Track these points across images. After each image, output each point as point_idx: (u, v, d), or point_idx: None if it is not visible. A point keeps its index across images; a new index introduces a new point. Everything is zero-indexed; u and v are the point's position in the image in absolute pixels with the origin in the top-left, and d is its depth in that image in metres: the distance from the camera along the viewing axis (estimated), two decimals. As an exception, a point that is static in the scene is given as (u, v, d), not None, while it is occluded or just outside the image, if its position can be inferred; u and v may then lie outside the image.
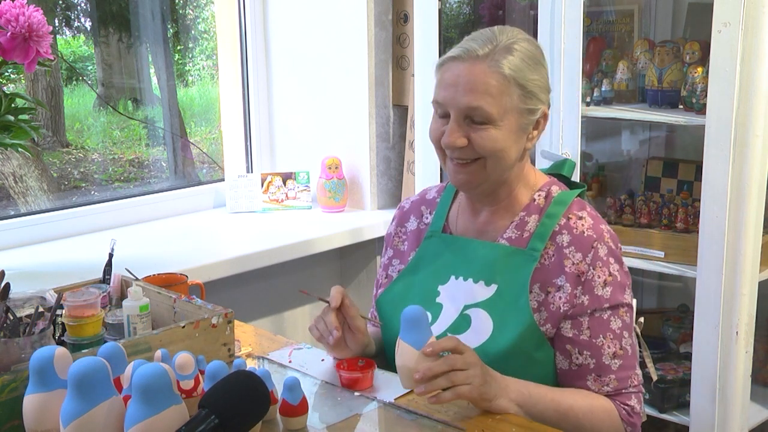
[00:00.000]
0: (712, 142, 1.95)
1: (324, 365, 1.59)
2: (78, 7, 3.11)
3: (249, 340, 1.75)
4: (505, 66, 1.47)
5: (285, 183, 2.80)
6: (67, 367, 1.14)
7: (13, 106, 1.90)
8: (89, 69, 3.23)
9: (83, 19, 3.13)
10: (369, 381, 1.50)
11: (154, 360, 1.29)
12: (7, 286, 1.49)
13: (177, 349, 1.34)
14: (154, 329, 1.51)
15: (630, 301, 1.55)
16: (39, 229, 2.43)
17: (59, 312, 1.49)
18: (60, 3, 2.97)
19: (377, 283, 1.77)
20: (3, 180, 2.77)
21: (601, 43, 2.48)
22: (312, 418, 1.36)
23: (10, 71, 2.02)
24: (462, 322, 1.54)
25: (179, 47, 3.29)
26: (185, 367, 1.26)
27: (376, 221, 2.67)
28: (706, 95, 1.97)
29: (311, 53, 2.82)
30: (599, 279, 1.50)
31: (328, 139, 2.85)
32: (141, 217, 2.66)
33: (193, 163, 3.22)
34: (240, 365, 1.36)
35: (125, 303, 1.54)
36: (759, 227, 1.98)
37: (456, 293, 1.58)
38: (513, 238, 1.57)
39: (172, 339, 1.43)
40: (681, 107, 2.19)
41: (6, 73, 1.97)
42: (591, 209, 1.58)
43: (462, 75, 1.48)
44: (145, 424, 1.09)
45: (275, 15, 2.88)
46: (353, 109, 2.75)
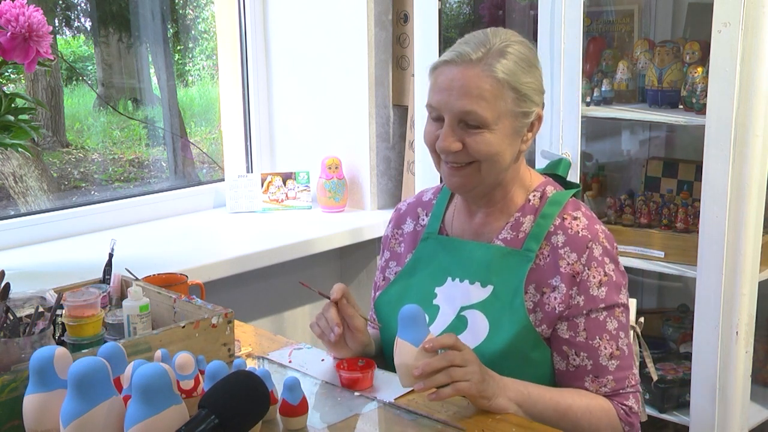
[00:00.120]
0: (712, 142, 1.95)
1: (324, 365, 1.59)
2: (78, 7, 3.11)
3: (249, 340, 1.75)
4: (499, 70, 1.46)
5: (285, 183, 2.80)
6: (67, 367, 1.14)
7: (13, 106, 1.91)
8: (89, 69, 3.23)
9: (83, 19, 3.13)
10: (369, 381, 1.50)
11: (154, 360, 1.29)
12: (7, 286, 1.49)
13: (177, 349, 1.34)
14: (154, 329, 1.51)
15: (626, 302, 1.55)
16: (39, 229, 2.43)
17: (59, 312, 1.49)
18: (60, 3, 2.97)
19: (375, 286, 1.77)
20: (3, 180, 2.77)
21: (601, 43, 2.48)
22: (312, 418, 1.36)
23: (10, 71, 2.02)
24: (459, 323, 1.54)
25: (179, 47, 3.29)
26: (185, 367, 1.26)
27: (376, 221, 2.67)
28: (706, 95, 1.97)
29: (311, 53, 2.82)
30: (594, 279, 1.50)
31: (328, 139, 2.85)
32: (141, 217, 2.66)
33: (193, 163, 3.22)
34: (240, 365, 1.36)
35: (125, 303, 1.54)
36: (759, 227, 1.98)
37: (453, 295, 1.58)
38: (508, 238, 1.57)
39: (172, 339, 1.43)
40: (681, 107, 2.19)
41: (6, 73, 1.97)
42: (586, 209, 1.57)
43: (456, 79, 1.47)
44: (145, 424, 1.09)
45: (275, 15, 2.88)
46: (353, 109, 2.75)
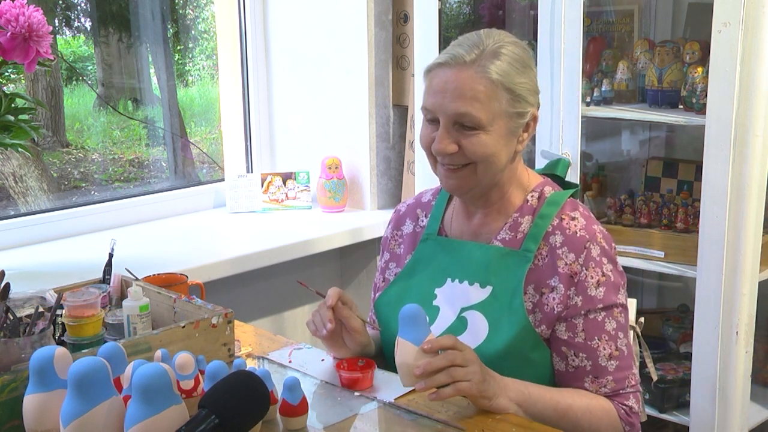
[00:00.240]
0: (712, 142, 1.95)
1: (324, 365, 1.59)
2: (78, 7, 3.11)
3: (249, 340, 1.75)
4: (493, 71, 1.46)
5: (285, 183, 2.80)
6: (67, 367, 1.14)
7: (13, 106, 1.90)
8: (89, 69, 3.23)
9: (83, 19, 3.13)
10: (369, 381, 1.50)
11: (154, 360, 1.29)
12: (7, 286, 1.49)
13: (177, 349, 1.34)
14: (154, 329, 1.51)
15: (624, 302, 1.55)
16: (39, 229, 2.43)
17: (59, 312, 1.49)
18: (60, 3, 2.97)
19: (375, 287, 1.77)
20: (3, 180, 2.77)
21: (601, 43, 2.48)
22: (312, 418, 1.36)
23: (10, 71, 2.02)
24: (459, 324, 1.54)
25: (179, 47, 3.29)
26: (185, 367, 1.26)
27: (376, 221, 2.67)
28: (706, 95, 1.97)
29: (311, 53, 2.82)
30: (592, 279, 1.50)
31: (328, 139, 2.85)
32: (141, 217, 2.66)
33: (193, 163, 3.22)
34: (240, 365, 1.36)
35: (125, 303, 1.54)
36: (759, 227, 1.98)
37: (452, 296, 1.58)
38: (507, 239, 1.57)
39: (172, 339, 1.43)
40: (681, 107, 2.19)
41: (6, 73, 1.97)
42: (584, 209, 1.57)
43: (450, 81, 1.47)
44: (145, 424, 1.09)
45: (275, 15, 2.88)
46: (353, 109, 2.75)
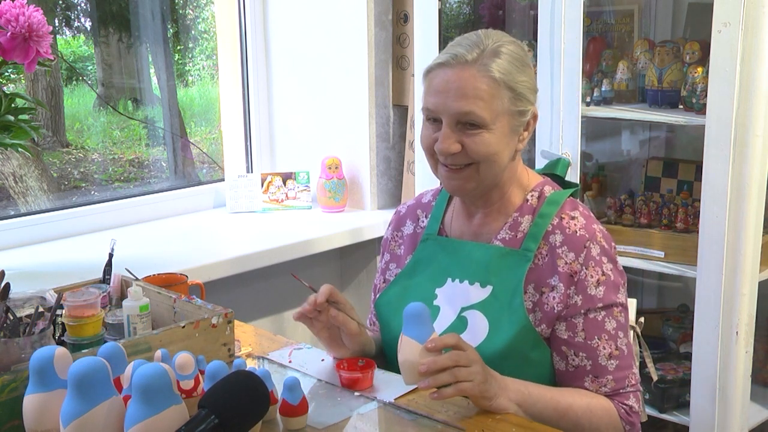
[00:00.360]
0: (712, 142, 1.95)
1: (324, 365, 1.59)
2: (78, 7, 3.11)
3: (249, 340, 1.75)
4: (494, 69, 1.47)
5: (285, 183, 2.80)
6: (67, 367, 1.14)
7: (13, 106, 1.90)
8: (89, 69, 3.23)
9: (83, 19, 3.13)
10: (369, 381, 1.50)
11: (154, 360, 1.29)
12: (7, 286, 1.49)
13: (177, 349, 1.34)
14: (154, 329, 1.51)
15: (624, 301, 1.55)
16: (39, 229, 2.43)
17: (59, 312, 1.49)
18: (60, 3, 2.97)
19: (375, 288, 1.77)
20: (3, 180, 2.77)
21: (601, 43, 2.48)
22: (312, 418, 1.36)
23: (10, 71, 2.02)
24: (459, 324, 1.54)
25: (179, 47, 3.29)
26: (185, 367, 1.26)
27: (376, 221, 2.67)
28: (706, 95, 1.97)
29: (311, 53, 2.82)
30: (592, 279, 1.50)
31: (328, 139, 2.84)
32: (141, 217, 2.66)
33: (193, 163, 3.22)
34: (240, 365, 1.36)
35: (125, 303, 1.54)
36: (759, 227, 1.98)
37: (453, 295, 1.58)
38: (507, 239, 1.57)
39: (172, 339, 1.43)
40: (681, 107, 2.19)
41: (6, 73, 1.97)
42: (584, 209, 1.58)
43: (452, 81, 1.47)
44: (145, 424, 1.09)
45: (275, 15, 2.88)
46: (353, 109, 2.75)
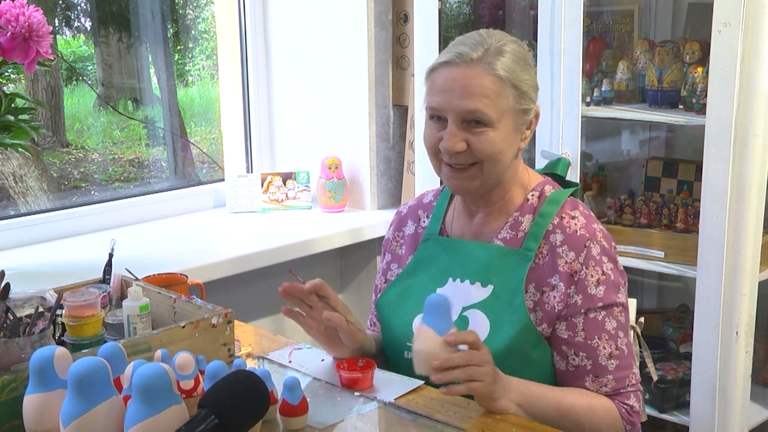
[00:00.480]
0: (712, 142, 1.95)
1: (324, 365, 1.59)
2: (78, 7, 3.11)
3: (249, 340, 1.75)
4: (499, 68, 1.47)
5: (285, 183, 2.80)
6: (67, 367, 1.14)
7: (13, 106, 1.90)
8: (89, 69, 3.23)
9: (83, 19, 3.13)
10: (369, 381, 1.50)
11: (154, 360, 1.29)
12: (7, 286, 1.49)
13: (177, 349, 1.34)
14: (154, 329, 1.51)
15: (624, 301, 1.55)
16: (39, 229, 2.43)
17: (59, 312, 1.49)
18: (60, 3, 2.97)
19: (376, 288, 1.77)
20: (3, 180, 2.77)
21: (601, 43, 2.48)
22: (312, 418, 1.36)
23: (10, 71, 2.02)
24: (460, 323, 1.54)
25: (179, 47, 3.29)
26: (185, 367, 1.26)
27: (376, 221, 2.67)
28: (706, 95, 1.97)
29: (311, 53, 2.82)
30: (592, 278, 1.50)
31: (328, 139, 2.84)
32: (141, 217, 2.66)
33: (193, 163, 3.22)
34: (240, 365, 1.36)
35: (125, 303, 1.54)
36: (759, 227, 1.98)
37: (454, 295, 1.57)
38: (508, 238, 1.57)
39: (172, 339, 1.43)
40: (681, 107, 2.19)
41: (6, 73, 1.97)
42: (584, 208, 1.58)
43: (458, 79, 1.48)
44: (145, 424, 1.09)
45: (275, 15, 2.88)
46: (353, 109, 2.74)
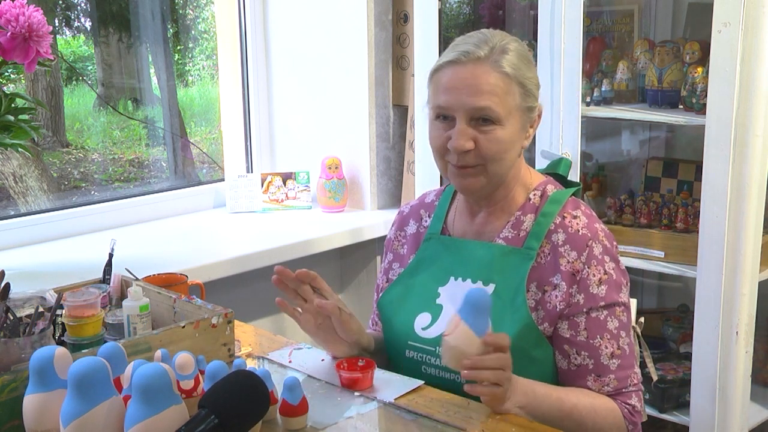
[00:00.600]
0: (712, 142, 1.95)
1: (324, 365, 1.59)
2: (78, 7, 3.11)
3: (249, 340, 1.75)
4: (506, 65, 1.49)
5: (285, 183, 2.80)
6: (67, 367, 1.14)
7: (13, 106, 1.90)
8: (89, 69, 3.23)
9: (83, 19, 3.13)
10: (369, 381, 1.50)
11: (154, 360, 1.29)
12: (7, 286, 1.49)
13: (177, 349, 1.33)
14: (154, 329, 1.51)
15: (626, 301, 1.55)
16: (39, 229, 2.43)
17: (59, 312, 1.49)
18: (60, 3, 2.97)
19: (377, 288, 1.78)
20: (3, 180, 2.77)
21: (601, 43, 2.48)
22: (312, 418, 1.36)
23: (10, 71, 2.02)
24: (461, 322, 1.54)
25: (179, 47, 3.28)
26: (185, 367, 1.26)
27: (376, 221, 2.67)
28: (706, 95, 1.97)
29: (311, 53, 2.82)
30: (594, 277, 1.50)
31: (328, 139, 2.84)
32: (141, 217, 2.66)
33: (193, 163, 3.22)
34: (240, 365, 1.36)
35: (125, 303, 1.54)
36: (759, 227, 1.98)
37: (456, 294, 1.58)
38: (509, 237, 1.57)
39: (172, 339, 1.43)
40: (681, 107, 2.19)
41: (6, 73, 1.97)
42: (586, 208, 1.58)
43: (466, 77, 1.48)
44: (145, 424, 1.09)
45: (275, 15, 2.88)
46: (353, 109, 2.74)
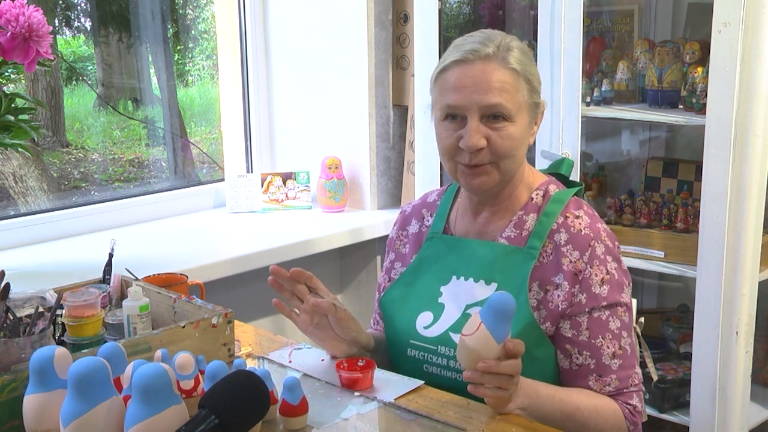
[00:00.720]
0: (712, 142, 1.95)
1: (324, 365, 1.59)
2: (78, 7, 3.11)
3: (249, 340, 1.75)
4: (513, 62, 1.50)
5: (285, 183, 2.80)
6: (67, 367, 1.14)
7: (13, 106, 1.90)
8: (89, 69, 3.23)
9: (83, 19, 3.13)
10: (369, 381, 1.50)
11: (154, 360, 1.29)
12: (7, 286, 1.49)
13: (177, 349, 1.34)
14: (154, 329, 1.51)
15: (628, 301, 1.55)
16: (39, 229, 2.43)
17: (59, 312, 1.49)
18: (60, 3, 2.97)
19: (379, 287, 1.78)
20: (3, 180, 2.77)
21: (601, 43, 2.48)
22: (312, 418, 1.36)
23: (10, 71, 2.02)
24: (464, 321, 1.54)
25: (179, 47, 3.28)
26: (185, 367, 1.26)
27: (376, 221, 2.67)
28: (706, 95, 1.97)
29: (311, 53, 2.82)
30: (596, 277, 1.51)
31: (328, 139, 2.84)
32: (141, 217, 2.66)
33: (193, 163, 3.22)
34: (240, 365, 1.36)
35: (125, 303, 1.54)
36: (759, 227, 1.98)
37: (458, 293, 1.58)
38: (512, 236, 1.57)
39: (172, 339, 1.43)
40: (681, 107, 2.19)
41: (6, 73, 1.97)
42: (588, 208, 1.58)
43: (476, 75, 1.49)
44: (145, 424, 1.09)
45: (275, 15, 2.88)
46: (353, 109, 2.74)
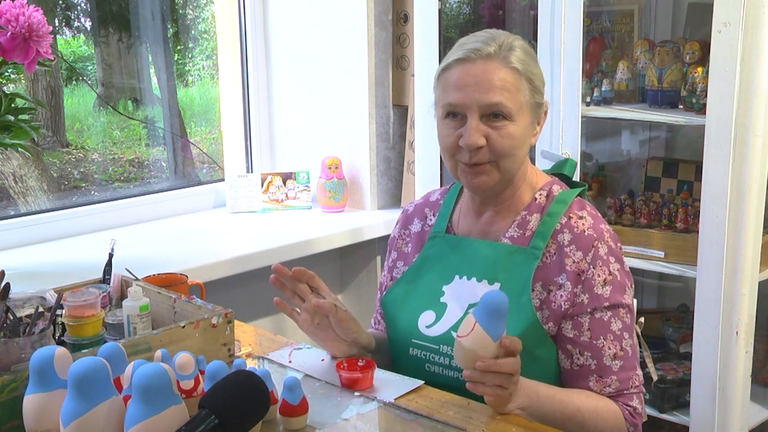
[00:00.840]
0: (712, 142, 1.95)
1: (324, 365, 1.59)
2: (78, 7, 3.11)
3: (249, 340, 1.75)
4: (515, 61, 1.50)
5: (285, 183, 2.80)
6: (67, 367, 1.14)
7: (13, 106, 1.90)
8: (89, 69, 3.23)
9: (83, 19, 3.13)
10: (369, 381, 1.50)
11: (154, 360, 1.29)
12: (7, 286, 1.49)
13: (177, 349, 1.34)
14: (154, 329, 1.51)
15: (630, 303, 1.55)
16: (39, 229, 2.43)
17: (59, 312, 1.49)
18: (60, 3, 2.97)
19: (381, 287, 1.78)
20: (3, 180, 2.77)
21: (601, 43, 2.48)
22: (312, 418, 1.36)
23: (10, 71, 2.02)
24: (466, 320, 1.55)
25: (179, 47, 3.28)
26: (185, 367, 1.26)
27: (376, 221, 2.67)
28: (706, 95, 1.97)
29: (311, 53, 2.82)
30: (599, 278, 1.51)
31: (328, 139, 2.84)
32: (141, 217, 2.66)
33: (193, 163, 3.22)
34: (240, 365, 1.36)
35: (125, 303, 1.54)
36: (759, 227, 1.98)
37: (460, 293, 1.59)
38: (515, 236, 1.57)
39: (172, 339, 1.43)
40: (681, 107, 2.19)
41: (6, 73, 1.97)
42: (591, 208, 1.59)
43: (477, 74, 1.49)
44: (145, 424, 1.09)
45: (275, 15, 2.88)
46: (353, 109, 2.74)
